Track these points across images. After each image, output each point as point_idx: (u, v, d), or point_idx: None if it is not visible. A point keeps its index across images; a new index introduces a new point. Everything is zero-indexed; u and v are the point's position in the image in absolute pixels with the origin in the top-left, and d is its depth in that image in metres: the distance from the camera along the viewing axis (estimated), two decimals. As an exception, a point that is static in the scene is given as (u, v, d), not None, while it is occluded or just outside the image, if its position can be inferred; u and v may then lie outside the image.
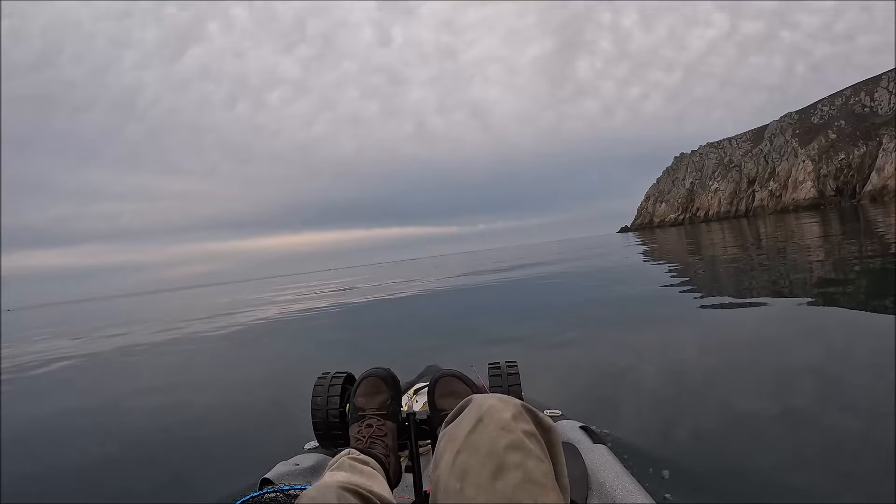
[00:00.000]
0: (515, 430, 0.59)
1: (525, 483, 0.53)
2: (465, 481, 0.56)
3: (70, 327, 12.10)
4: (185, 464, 1.86)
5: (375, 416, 0.89)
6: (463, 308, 6.20)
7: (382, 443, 0.85)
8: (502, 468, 0.55)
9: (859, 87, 73.03)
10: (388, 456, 0.84)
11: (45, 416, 2.92)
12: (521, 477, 0.54)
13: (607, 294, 5.44)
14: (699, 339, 2.83)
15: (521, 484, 0.53)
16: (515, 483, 0.53)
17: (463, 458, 0.58)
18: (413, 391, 1.30)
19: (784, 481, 1.21)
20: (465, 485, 0.55)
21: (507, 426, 0.59)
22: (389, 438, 0.87)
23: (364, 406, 0.91)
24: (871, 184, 57.25)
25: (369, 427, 0.87)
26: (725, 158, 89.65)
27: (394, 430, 0.90)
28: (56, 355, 5.96)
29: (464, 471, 0.56)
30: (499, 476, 0.54)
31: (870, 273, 4.31)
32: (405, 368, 1.70)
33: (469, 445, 0.59)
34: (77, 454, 2.13)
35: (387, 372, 0.96)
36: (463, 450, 0.59)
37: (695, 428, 1.56)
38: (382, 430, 0.87)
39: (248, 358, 4.34)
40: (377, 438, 0.85)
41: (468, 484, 0.55)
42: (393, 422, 0.91)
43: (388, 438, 0.87)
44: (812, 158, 68.37)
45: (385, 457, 0.82)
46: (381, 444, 0.85)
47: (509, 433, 0.58)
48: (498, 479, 0.54)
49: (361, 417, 0.89)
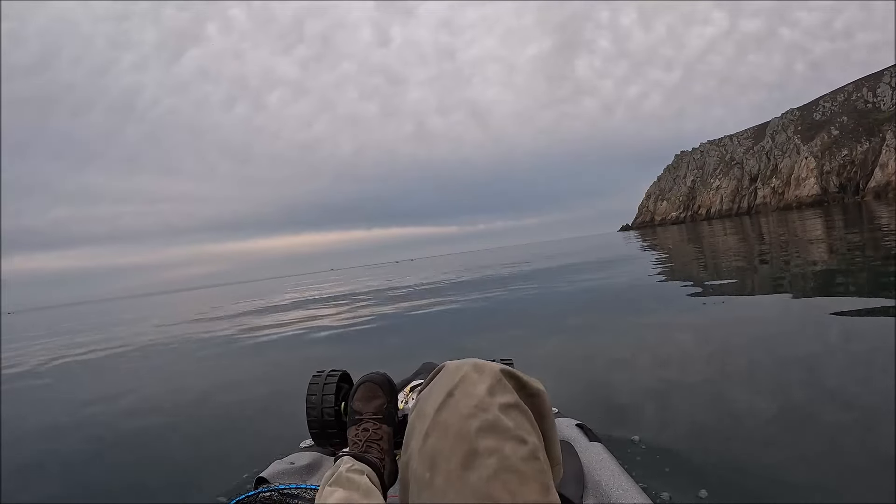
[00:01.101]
0: (491, 406, 0.52)
1: (501, 472, 0.48)
2: (435, 470, 0.51)
3: (98, 327, 12.05)
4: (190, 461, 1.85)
5: (372, 420, 0.92)
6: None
7: (378, 446, 0.88)
8: (474, 455, 0.49)
9: (861, 83, 72.81)
10: (384, 459, 0.87)
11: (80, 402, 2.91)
12: (495, 465, 0.49)
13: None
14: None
15: (495, 474, 0.48)
16: (489, 474, 0.48)
17: (432, 443, 0.53)
18: (409, 388, 1.31)
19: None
20: (435, 474, 0.51)
21: (480, 403, 0.53)
22: (385, 442, 0.91)
23: (361, 410, 0.94)
24: (875, 180, 57.05)
25: (366, 431, 0.90)
26: (727, 156, 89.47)
27: (389, 433, 0.94)
28: (114, 348, 5.93)
29: (433, 457, 0.52)
30: (470, 465, 0.49)
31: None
32: (402, 367, 1.70)
33: (439, 426, 0.53)
34: (70, 454, 2.13)
35: (383, 377, 0.99)
36: (432, 430, 0.53)
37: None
38: (378, 433, 0.91)
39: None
40: (373, 442, 0.89)
41: (437, 473, 0.50)
42: (389, 425, 0.94)
43: (384, 442, 0.90)
44: (815, 155, 68.17)
45: (380, 460, 0.86)
46: (377, 448, 0.88)
47: (483, 412, 0.52)
48: (470, 469, 0.49)
49: (358, 421, 0.93)
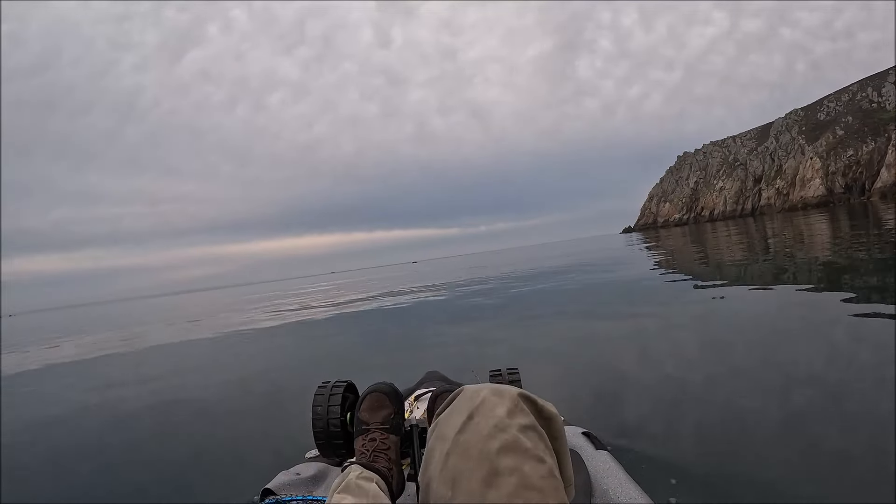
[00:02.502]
0: (510, 427, 0.55)
1: (521, 490, 0.50)
2: (456, 489, 0.52)
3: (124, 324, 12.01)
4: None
5: (379, 430, 0.92)
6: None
7: (385, 456, 0.88)
8: (496, 474, 0.51)
9: (866, 82, 72.38)
10: (391, 469, 0.87)
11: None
12: (515, 483, 0.51)
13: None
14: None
15: (516, 491, 0.50)
16: (510, 491, 0.50)
17: (453, 462, 0.54)
18: (414, 398, 1.31)
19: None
20: (456, 492, 0.52)
21: (500, 424, 0.55)
22: (392, 451, 0.91)
23: (368, 420, 0.94)
24: (881, 180, 56.56)
25: (373, 441, 0.90)
26: (730, 157, 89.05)
27: (397, 443, 0.94)
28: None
29: (455, 477, 0.53)
30: (492, 483, 0.51)
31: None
32: (407, 375, 1.70)
33: (459, 447, 0.55)
34: (70, 460, 2.13)
35: (389, 387, 0.99)
36: (453, 451, 0.55)
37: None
38: (386, 443, 0.91)
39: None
40: (380, 452, 0.89)
41: (459, 492, 0.52)
42: (396, 435, 0.95)
43: (392, 452, 0.90)
44: (820, 155, 67.74)
45: (388, 470, 0.86)
46: (385, 458, 0.88)
47: (503, 433, 0.54)
48: (491, 488, 0.51)
49: (365, 431, 0.93)
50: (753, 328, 2.96)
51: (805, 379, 1.92)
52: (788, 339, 2.60)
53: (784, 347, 2.44)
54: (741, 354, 2.44)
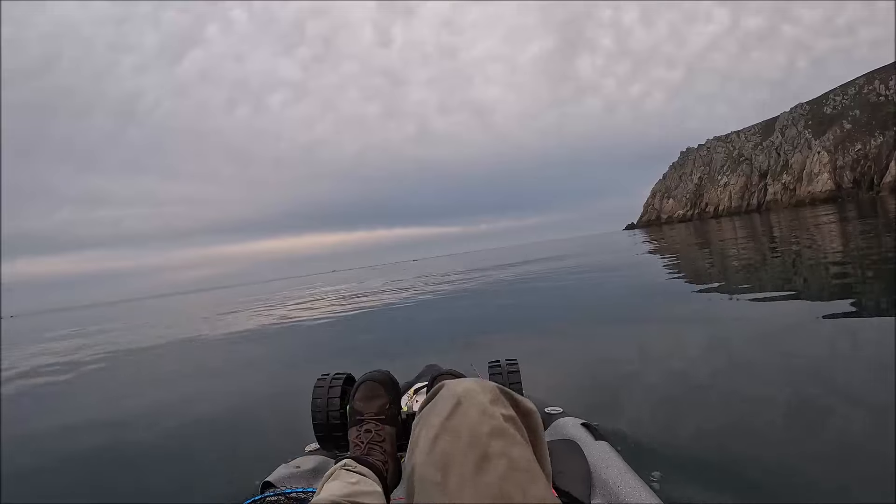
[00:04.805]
0: (496, 414, 0.56)
1: (511, 472, 0.51)
2: (448, 472, 0.51)
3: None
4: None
5: (374, 421, 0.88)
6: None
7: (381, 448, 0.84)
8: (487, 457, 0.51)
9: (873, 75, 71.52)
10: (387, 461, 0.83)
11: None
12: (505, 465, 0.51)
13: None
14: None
15: (507, 473, 0.50)
16: (501, 473, 0.50)
17: (443, 445, 0.53)
18: (413, 391, 1.30)
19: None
20: (448, 476, 0.51)
21: (486, 410, 0.56)
22: (388, 443, 0.87)
23: (362, 410, 0.90)
24: (890, 174, 55.93)
25: (368, 432, 0.86)
26: (734, 152, 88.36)
27: (392, 434, 0.89)
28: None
29: (445, 460, 0.52)
30: (484, 467, 0.50)
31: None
32: (406, 368, 1.69)
33: (449, 431, 0.54)
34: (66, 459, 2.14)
35: (385, 375, 0.95)
36: (442, 435, 0.54)
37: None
38: (381, 434, 0.86)
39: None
40: (375, 444, 0.85)
41: (451, 475, 0.50)
42: (392, 426, 0.90)
43: (387, 444, 0.86)
44: (827, 149, 67.06)
45: (383, 462, 0.82)
46: (380, 450, 0.84)
47: (491, 418, 0.55)
48: (483, 471, 0.50)
49: (360, 422, 0.89)
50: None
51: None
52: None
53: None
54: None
